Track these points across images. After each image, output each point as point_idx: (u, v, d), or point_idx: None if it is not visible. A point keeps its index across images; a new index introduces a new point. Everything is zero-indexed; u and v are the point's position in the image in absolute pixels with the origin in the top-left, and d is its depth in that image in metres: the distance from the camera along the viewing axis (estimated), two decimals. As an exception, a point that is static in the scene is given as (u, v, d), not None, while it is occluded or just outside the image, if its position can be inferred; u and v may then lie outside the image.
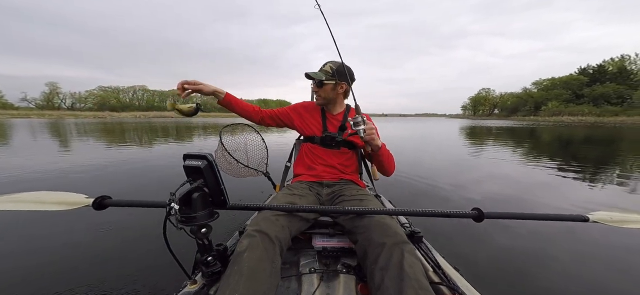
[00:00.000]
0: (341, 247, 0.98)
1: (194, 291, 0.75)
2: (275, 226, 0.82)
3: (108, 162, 4.70)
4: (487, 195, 3.01)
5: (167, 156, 5.55)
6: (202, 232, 0.74)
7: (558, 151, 6.54)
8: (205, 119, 47.09)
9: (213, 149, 1.14)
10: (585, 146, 7.51)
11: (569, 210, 2.53)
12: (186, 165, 0.72)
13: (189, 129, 15.13)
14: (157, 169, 4.34)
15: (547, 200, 2.84)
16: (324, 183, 1.19)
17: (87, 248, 1.66)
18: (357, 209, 0.87)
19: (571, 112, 42.30)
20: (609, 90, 43.35)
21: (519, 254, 1.72)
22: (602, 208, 0.89)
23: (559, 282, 1.44)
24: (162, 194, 3.11)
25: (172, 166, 4.45)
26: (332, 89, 1.22)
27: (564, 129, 16.80)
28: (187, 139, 9.43)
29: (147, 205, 0.86)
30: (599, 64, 49.98)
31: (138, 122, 25.89)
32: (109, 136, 10.00)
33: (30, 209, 0.79)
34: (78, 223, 1.88)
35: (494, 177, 3.85)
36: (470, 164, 4.94)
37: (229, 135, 1.19)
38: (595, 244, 1.87)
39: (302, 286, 0.83)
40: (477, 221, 0.83)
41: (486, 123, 27.11)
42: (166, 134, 11.52)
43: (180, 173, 0.71)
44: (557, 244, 1.87)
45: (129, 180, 3.56)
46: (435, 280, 0.81)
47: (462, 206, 2.62)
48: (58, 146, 6.96)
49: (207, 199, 0.74)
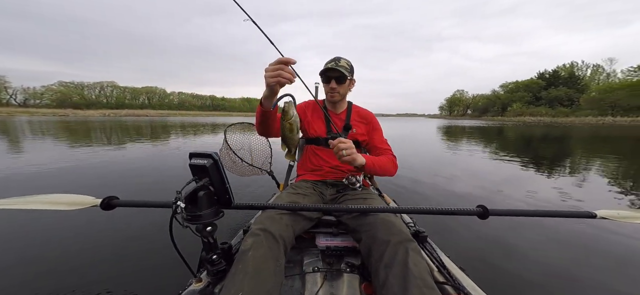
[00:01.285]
0: (345, 246, 0.98)
1: (199, 289, 0.76)
2: (279, 225, 0.82)
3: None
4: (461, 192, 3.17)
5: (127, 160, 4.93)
6: (207, 231, 0.75)
7: (522, 148, 7.19)
8: (183, 117, 44.46)
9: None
10: (543, 144, 8.26)
11: (576, 207, 2.47)
12: (192, 164, 0.73)
13: (165, 128, 14.18)
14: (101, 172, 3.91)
15: (510, 192, 3.08)
16: (328, 182, 1.18)
17: (93, 246, 1.67)
18: (361, 207, 0.87)
19: (532, 113, 46.77)
20: (561, 93, 48.57)
21: (525, 252, 1.70)
22: (603, 205, 0.89)
23: (565, 281, 1.43)
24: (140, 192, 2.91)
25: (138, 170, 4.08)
26: (347, 86, 1.20)
27: (525, 128, 18.10)
28: (162, 139, 8.80)
29: (153, 205, 0.86)
30: (554, 70, 55.77)
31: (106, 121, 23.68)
32: (69, 135, 9.05)
33: (46, 208, 0.84)
34: (85, 223, 1.91)
35: (471, 174, 4.14)
36: (449, 160, 5.28)
37: (233, 134, 1.16)
38: (602, 241, 1.84)
39: (306, 285, 0.83)
40: (482, 218, 0.82)
41: (460, 123, 28.97)
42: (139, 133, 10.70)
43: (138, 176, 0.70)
44: (563, 241, 1.84)
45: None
46: (440, 280, 0.80)
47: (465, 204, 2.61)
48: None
49: (213, 197, 0.74)
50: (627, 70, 39.72)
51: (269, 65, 0.80)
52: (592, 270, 1.52)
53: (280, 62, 0.79)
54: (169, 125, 16.86)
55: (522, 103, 54.05)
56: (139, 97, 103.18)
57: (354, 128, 1.22)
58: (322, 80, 1.21)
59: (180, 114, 74.09)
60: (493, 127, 20.02)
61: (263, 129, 1.04)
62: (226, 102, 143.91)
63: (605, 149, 6.95)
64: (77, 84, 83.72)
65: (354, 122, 1.24)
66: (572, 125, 23.10)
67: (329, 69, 1.15)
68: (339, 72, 1.14)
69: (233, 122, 1.25)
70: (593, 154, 5.87)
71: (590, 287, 1.39)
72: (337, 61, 1.16)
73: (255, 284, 0.65)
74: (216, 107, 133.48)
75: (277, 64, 0.79)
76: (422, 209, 0.86)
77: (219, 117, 51.59)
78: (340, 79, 1.16)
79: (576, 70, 53.87)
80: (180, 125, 16.39)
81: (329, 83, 1.17)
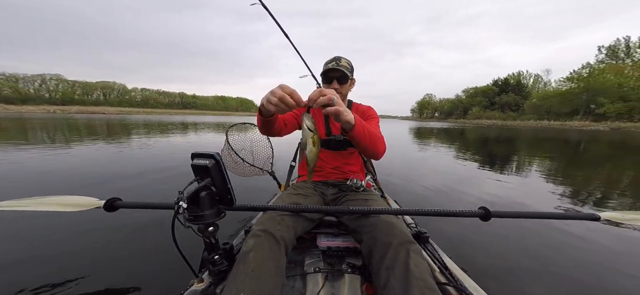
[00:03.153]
0: (346, 246, 0.98)
1: (201, 289, 0.75)
2: (280, 226, 0.82)
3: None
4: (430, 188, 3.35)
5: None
6: (209, 231, 0.75)
7: (479, 148, 8.09)
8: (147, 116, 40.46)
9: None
10: (496, 144, 9.47)
11: (579, 209, 2.51)
12: (194, 164, 0.72)
13: (125, 127, 12.72)
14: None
15: (469, 189, 3.25)
16: (329, 182, 1.18)
17: (94, 246, 1.67)
18: (362, 209, 0.87)
19: (487, 116, 52.54)
20: (510, 99, 55.37)
21: (527, 254, 1.69)
22: (606, 208, 0.91)
23: (567, 283, 1.41)
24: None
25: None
26: (349, 85, 1.18)
27: (482, 130, 20.59)
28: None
29: (156, 206, 0.85)
30: (505, 78, 63.37)
31: (47, 118, 20.35)
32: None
33: (52, 210, 0.85)
34: (88, 223, 1.91)
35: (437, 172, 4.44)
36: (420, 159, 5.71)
37: (235, 135, 1.14)
38: (605, 243, 1.82)
39: (307, 286, 0.83)
40: (484, 220, 0.82)
41: (429, 125, 31.36)
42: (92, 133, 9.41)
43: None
44: (565, 243, 1.83)
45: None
46: (442, 281, 0.80)
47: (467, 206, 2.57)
48: None
49: (214, 197, 0.74)
50: (559, 80, 46.94)
51: (277, 89, 0.71)
52: (595, 273, 1.50)
53: (287, 93, 0.70)
54: (126, 124, 15.05)
55: (480, 107, 60.43)
56: (93, 93, 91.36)
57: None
58: (323, 81, 1.18)
59: (144, 112, 67.46)
60: (456, 129, 22.26)
61: (265, 131, 1.02)
62: (198, 100, 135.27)
63: (543, 147, 8.25)
64: (8, 75, 70.88)
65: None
66: (518, 128, 26.36)
67: (330, 70, 1.12)
68: (341, 72, 1.12)
69: (235, 122, 1.24)
70: (533, 153, 6.87)
71: (593, 289, 1.37)
72: (338, 61, 1.13)
73: (256, 284, 0.66)
74: (186, 105, 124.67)
75: (284, 93, 0.70)
76: (423, 211, 0.86)
77: (190, 116, 48.20)
78: (342, 79, 1.13)
79: (522, 79, 61.60)
80: (136, 125, 14.61)
81: (331, 84, 1.14)
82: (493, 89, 61.54)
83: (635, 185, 3.57)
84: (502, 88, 60.64)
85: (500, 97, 57.85)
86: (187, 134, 9.75)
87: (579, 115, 34.92)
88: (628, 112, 29.54)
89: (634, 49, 39.28)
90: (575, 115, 35.51)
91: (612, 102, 31.34)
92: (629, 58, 39.34)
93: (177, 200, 0.68)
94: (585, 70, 39.70)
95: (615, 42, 41.26)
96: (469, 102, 65.63)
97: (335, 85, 1.14)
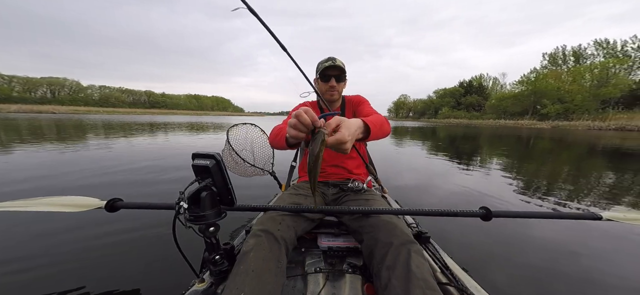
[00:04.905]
0: (347, 246, 0.97)
1: (202, 290, 0.76)
2: (280, 226, 0.82)
3: None
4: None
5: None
6: (210, 231, 0.75)
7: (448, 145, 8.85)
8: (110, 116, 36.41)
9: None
10: (463, 141, 10.47)
11: (579, 209, 2.49)
12: (195, 165, 0.72)
13: (79, 128, 11.23)
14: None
15: (440, 183, 3.44)
16: (330, 183, 1.17)
17: (95, 246, 1.66)
18: (363, 209, 0.87)
19: (455, 116, 57.26)
20: (474, 100, 60.95)
21: (528, 253, 1.69)
22: (609, 207, 0.88)
23: (569, 283, 1.41)
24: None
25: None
26: (344, 83, 1.21)
27: (451, 128, 22.79)
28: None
29: (157, 207, 0.85)
30: (469, 80, 69.39)
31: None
32: None
33: (54, 210, 0.86)
34: (88, 223, 1.90)
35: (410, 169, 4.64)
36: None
37: (236, 135, 1.10)
38: (607, 243, 1.81)
39: (308, 286, 0.83)
40: (485, 220, 0.82)
41: (405, 124, 33.40)
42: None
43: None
44: (567, 243, 1.82)
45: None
46: (443, 281, 0.80)
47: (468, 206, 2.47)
48: None
49: (215, 198, 0.75)
50: (512, 83, 52.84)
51: (294, 119, 0.64)
52: (597, 272, 1.49)
53: (305, 123, 0.63)
54: (87, 125, 13.34)
55: (448, 107, 65.56)
56: (37, 90, 79.36)
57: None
58: (321, 79, 1.19)
59: (105, 111, 60.46)
60: (429, 127, 24.45)
61: (277, 147, 1.01)
62: (168, 98, 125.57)
63: (501, 144, 9.29)
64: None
65: (349, 115, 1.25)
66: (480, 126, 29.77)
67: (329, 67, 1.15)
68: (339, 69, 1.15)
69: (236, 122, 1.21)
70: (492, 150, 7.63)
71: (595, 289, 1.36)
72: (334, 60, 1.16)
73: (256, 284, 0.66)
74: (155, 104, 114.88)
75: (302, 123, 0.63)
76: (424, 211, 0.86)
77: (159, 115, 44.64)
78: (339, 77, 1.17)
79: (483, 81, 67.88)
80: (103, 126, 13.07)
81: (329, 81, 1.16)
82: (459, 90, 66.52)
83: (573, 176, 4.11)
84: (467, 89, 65.74)
85: (465, 98, 62.83)
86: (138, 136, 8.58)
87: (528, 115, 39.55)
88: (564, 112, 34.31)
89: (568, 56, 45.89)
90: (526, 115, 40.12)
91: (552, 103, 36.20)
92: (565, 64, 45.81)
93: (178, 200, 0.68)
94: (532, 75, 44.87)
95: (555, 50, 47.18)
96: (439, 102, 70.49)
97: (333, 83, 1.16)
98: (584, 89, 34.30)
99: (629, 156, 6.38)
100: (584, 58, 42.64)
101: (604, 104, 32.01)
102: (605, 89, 31.86)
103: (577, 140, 11.28)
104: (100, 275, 1.37)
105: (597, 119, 27.74)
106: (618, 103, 30.70)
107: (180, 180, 3.12)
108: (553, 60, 46.82)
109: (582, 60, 42.70)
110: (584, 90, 34.11)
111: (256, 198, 2.55)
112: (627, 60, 34.71)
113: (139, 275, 1.38)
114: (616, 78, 33.11)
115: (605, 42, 40.00)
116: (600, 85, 33.37)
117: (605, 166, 5.02)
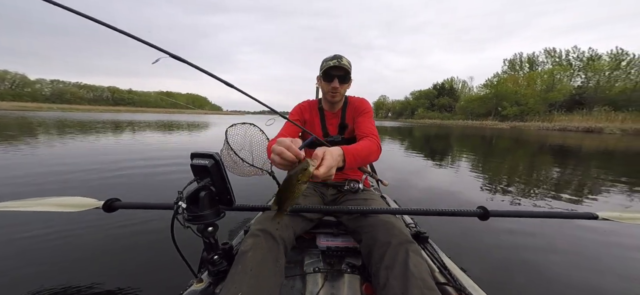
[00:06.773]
0: (345, 246, 0.97)
1: (201, 289, 0.74)
2: (279, 226, 0.82)
3: None
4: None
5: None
6: (208, 231, 0.74)
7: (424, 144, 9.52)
8: (63, 113, 32.28)
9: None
10: (436, 139, 11.45)
11: (575, 208, 2.56)
12: (193, 164, 0.71)
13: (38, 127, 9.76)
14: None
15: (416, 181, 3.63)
16: (328, 183, 1.16)
17: (94, 247, 1.63)
18: (361, 209, 0.87)
19: (430, 116, 61.27)
20: (445, 102, 65.69)
21: (526, 252, 1.70)
22: (605, 206, 0.90)
23: (566, 282, 1.42)
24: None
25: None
26: (349, 85, 1.14)
27: (425, 128, 25.26)
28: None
29: (155, 207, 0.83)
30: (442, 82, 74.59)
31: None
32: None
33: (52, 210, 0.85)
34: (87, 223, 1.87)
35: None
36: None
37: (234, 134, 1.06)
38: (603, 242, 1.83)
39: (307, 285, 0.82)
40: (482, 219, 0.83)
41: (384, 124, 34.92)
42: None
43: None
44: (563, 242, 1.83)
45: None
46: (441, 281, 0.81)
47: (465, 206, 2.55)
48: None
49: (214, 197, 0.73)
50: (478, 86, 57.97)
51: (277, 156, 0.58)
52: (593, 272, 1.51)
53: (289, 160, 0.57)
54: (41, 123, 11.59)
55: (423, 108, 69.65)
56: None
57: (350, 125, 1.16)
58: (323, 79, 1.10)
59: (59, 108, 53.55)
60: (406, 127, 26.32)
61: None
62: (135, 95, 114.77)
63: (468, 143, 10.29)
64: None
65: (349, 118, 1.17)
66: (451, 126, 32.18)
67: (332, 67, 1.05)
68: (344, 70, 1.06)
69: (234, 122, 1.15)
70: (461, 148, 8.52)
71: (590, 288, 1.38)
72: (340, 59, 1.06)
73: (255, 284, 0.65)
74: (119, 101, 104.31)
75: (286, 159, 0.57)
76: (422, 210, 0.86)
77: (125, 113, 40.74)
78: (343, 78, 1.08)
79: (454, 84, 73.69)
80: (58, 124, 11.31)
81: (331, 82, 1.07)
82: (433, 92, 71.05)
83: (527, 172, 4.64)
84: (440, 92, 70.46)
85: (438, 100, 67.44)
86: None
87: (492, 116, 43.91)
88: (520, 114, 38.65)
89: (524, 63, 51.63)
90: (489, 116, 44.49)
91: (511, 105, 40.51)
92: (521, 70, 51.46)
93: (177, 200, 0.67)
94: (495, 79, 49.94)
95: (513, 56, 52.75)
96: (416, 103, 74.72)
97: (335, 84, 1.07)
98: (536, 93, 38.73)
99: (569, 153, 7.53)
100: (536, 65, 47.94)
101: (551, 107, 36.46)
102: (552, 93, 36.22)
103: (530, 139, 12.63)
104: (98, 276, 1.35)
105: (546, 120, 31.34)
106: (562, 106, 35.14)
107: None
108: (512, 66, 52.01)
109: (535, 66, 47.86)
110: (536, 94, 38.54)
111: (255, 198, 2.53)
112: (569, 68, 40.10)
113: (137, 275, 1.36)
114: (560, 84, 38.01)
115: (552, 50, 45.60)
116: (548, 90, 38.05)
117: (552, 162, 5.84)
